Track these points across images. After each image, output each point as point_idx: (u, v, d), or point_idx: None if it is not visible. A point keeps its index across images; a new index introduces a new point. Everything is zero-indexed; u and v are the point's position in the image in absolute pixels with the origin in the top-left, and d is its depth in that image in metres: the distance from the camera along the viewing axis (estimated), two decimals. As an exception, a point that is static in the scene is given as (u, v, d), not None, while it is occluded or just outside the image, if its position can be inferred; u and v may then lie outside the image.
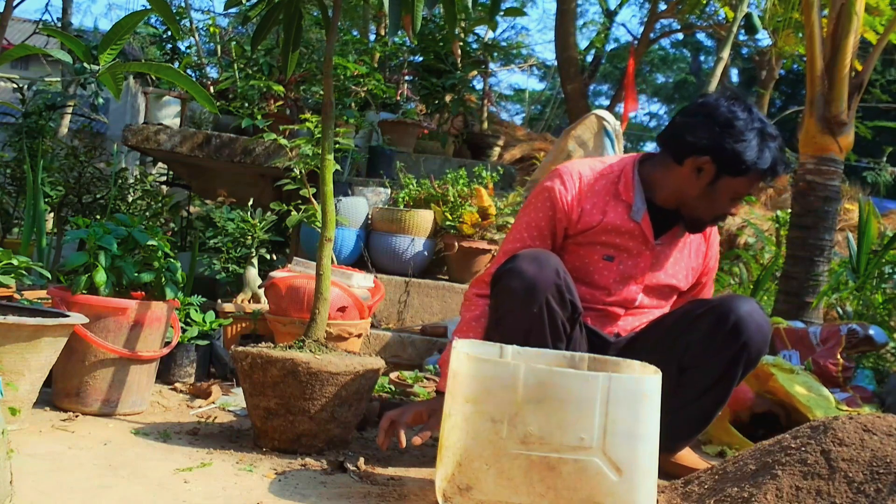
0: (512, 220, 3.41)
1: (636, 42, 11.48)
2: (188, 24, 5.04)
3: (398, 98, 5.11)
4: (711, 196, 1.90)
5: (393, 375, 2.67)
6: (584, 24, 15.78)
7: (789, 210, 4.20)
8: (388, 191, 3.92)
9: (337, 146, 3.18)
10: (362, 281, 2.83)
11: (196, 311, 2.79)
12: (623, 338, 2.00)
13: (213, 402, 2.44)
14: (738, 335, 1.79)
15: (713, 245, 2.11)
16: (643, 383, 1.42)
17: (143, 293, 2.30)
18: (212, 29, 5.17)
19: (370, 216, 3.70)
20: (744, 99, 1.90)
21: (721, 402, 1.90)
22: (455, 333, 1.95)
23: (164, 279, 2.26)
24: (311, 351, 1.94)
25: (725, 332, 1.80)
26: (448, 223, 3.58)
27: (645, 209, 1.95)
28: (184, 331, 2.67)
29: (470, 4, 1.97)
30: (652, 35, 11.43)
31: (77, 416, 2.10)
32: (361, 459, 1.81)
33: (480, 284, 1.99)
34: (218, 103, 4.02)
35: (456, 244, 3.56)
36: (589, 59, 12.77)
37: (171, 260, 2.29)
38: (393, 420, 1.79)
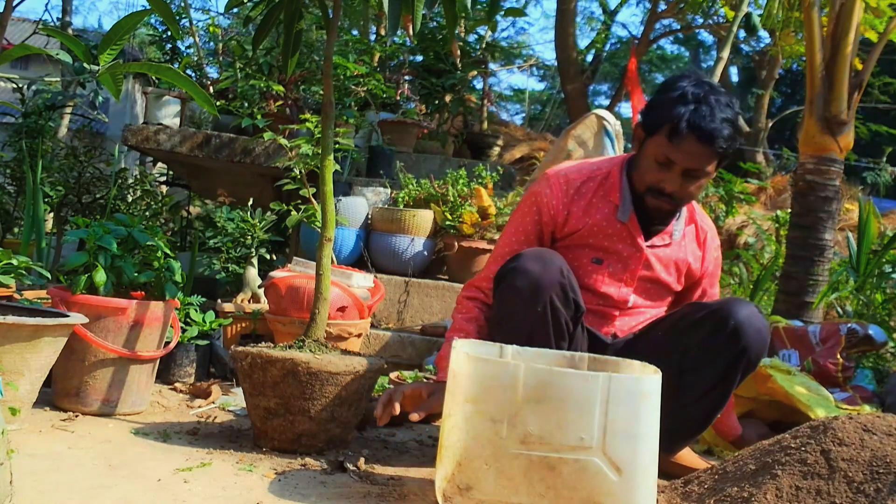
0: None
1: (636, 42, 11.48)
2: (188, 24, 5.04)
3: (398, 98, 5.11)
4: (642, 163, 1.89)
5: (393, 375, 2.67)
6: (586, 23, 15.78)
7: (789, 210, 4.20)
8: (388, 191, 3.92)
9: (337, 146, 3.18)
10: (362, 281, 2.83)
11: (196, 310, 2.79)
12: (620, 339, 1.99)
13: (213, 402, 2.44)
14: (737, 340, 1.78)
15: (710, 249, 2.08)
16: (643, 383, 1.42)
17: (143, 293, 2.30)
18: (212, 29, 5.17)
19: (370, 216, 3.70)
20: (701, 76, 1.88)
21: (720, 405, 1.89)
22: (448, 334, 1.95)
23: (163, 279, 2.26)
24: (311, 351, 1.94)
25: (724, 336, 1.79)
26: (448, 223, 3.58)
27: (632, 210, 1.94)
28: (184, 331, 2.67)
29: (469, 4, 1.97)
30: (652, 35, 11.43)
31: (77, 416, 2.10)
32: (361, 459, 1.81)
33: (471, 289, 2.02)
34: (218, 103, 4.03)
35: (456, 244, 3.56)
36: (589, 58, 12.77)
37: (171, 260, 2.29)
38: (391, 394, 1.79)
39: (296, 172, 3.17)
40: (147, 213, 4.35)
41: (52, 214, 4.28)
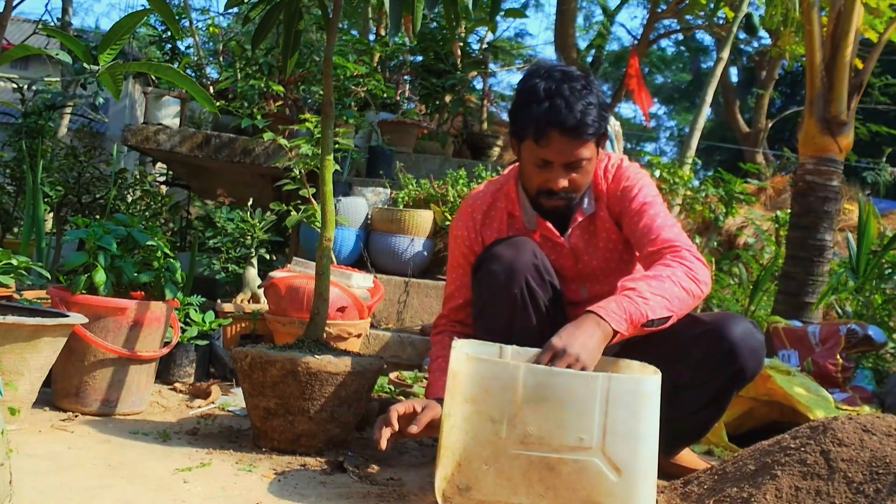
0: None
1: (636, 43, 11.49)
2: (188, 24, 5.04)
3: (398, 98, 5.11)
4: (525, 170, 1.89)
5: (392, 375, 2.67)
6: (588, 26, 15.78)
7: (789, 210, 4.20)
8: (388, 191, 3.92)
9: (336, 146, 3.18)
10: (362, 281, 2.83)
11: (195, 311, 2.79)
12: (616, 345, 1.97)
13: (213, 402, 2.44)
14: (732, 361, 1.75)
15: (616, 193, 1.92)
16: (643, 384, 1.42)
17: (143, 293, 2.30)
18: (211, 29, 5.17)
19: (370, 216, 3.70)
20: (552, 66, 1.83)
21: (715, 419, 1.89)
22: (430, 366, 1.93)
23: (163, 279, 2.26)
24: (310, 351, 1.94)
25: (720, 358, 1.76)
26: (448, 223, 3.58)
27: (537, 215, 1.93)
28: (183, 331, 2.67)
29: (471, 5, 1.97)
30: (652, 35, 11.43)
31: (77, 416, 2.10)
32: (361, 459, 1.81)
33: (436, 327, 2.04)
34: (217, 103, 4.03)
35: (456, 244, 3.55)
36: (589, 59, 12.77)
37: (171, 260, 2.30)
38: (384, 418, 1.77)
39: (296, 172, 3.17)
40: (147, 213, 4.35)
41: (52, 214, 4.28)
